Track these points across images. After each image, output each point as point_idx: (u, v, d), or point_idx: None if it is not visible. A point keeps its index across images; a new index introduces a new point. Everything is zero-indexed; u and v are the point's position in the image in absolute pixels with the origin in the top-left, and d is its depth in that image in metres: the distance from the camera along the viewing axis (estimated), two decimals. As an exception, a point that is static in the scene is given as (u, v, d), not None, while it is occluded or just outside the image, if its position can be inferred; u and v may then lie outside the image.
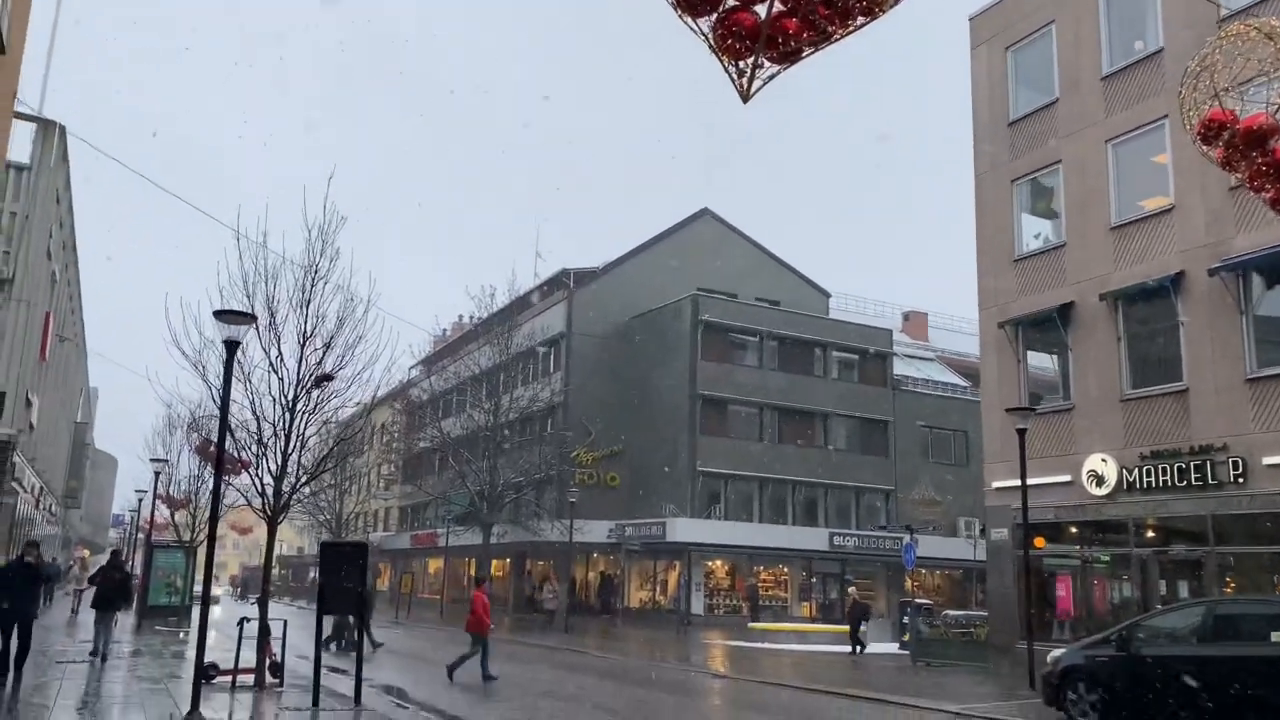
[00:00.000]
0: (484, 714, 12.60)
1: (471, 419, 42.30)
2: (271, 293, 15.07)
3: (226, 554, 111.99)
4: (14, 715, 10.57)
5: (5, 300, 27.22)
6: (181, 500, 34.69)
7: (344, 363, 15.53)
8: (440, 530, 47.55)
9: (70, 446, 50.83)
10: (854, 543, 41.53)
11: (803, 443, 42.63)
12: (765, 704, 14.65)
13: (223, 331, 11.88)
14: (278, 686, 13.82)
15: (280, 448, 14.92)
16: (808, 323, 44.34)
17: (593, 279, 45.41)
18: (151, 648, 20.29)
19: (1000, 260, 22.62)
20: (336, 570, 12.56)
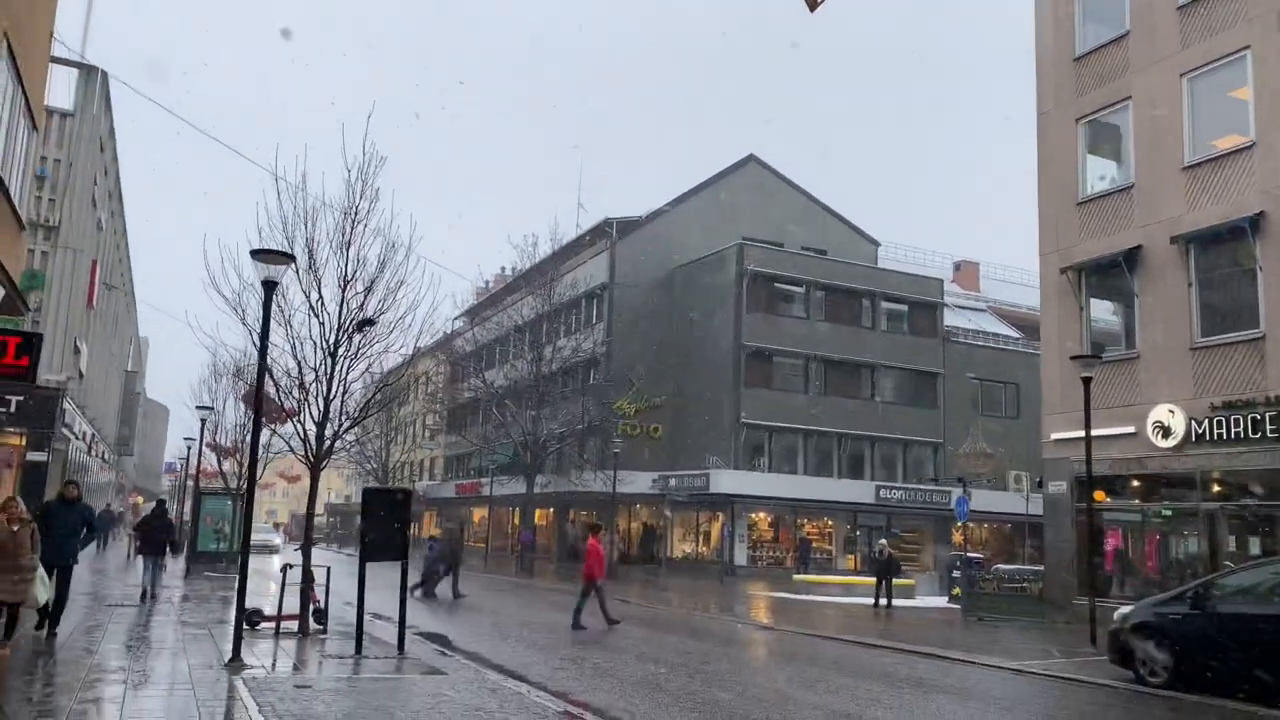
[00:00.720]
0: (529, 662, 12.34)
1: (515, 369, 42.12)
2: (311, 235, 14.77)
3: (277, 501, 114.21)
4: (55, 660, 10.47)
5: (51, 247, 27.31)
6: (229, 448, 35.00)
7: (385, 307, 15.24)
8: (484, 480, 47.72)
9: (121, 395, 51.58)
10: (900, 496, 40.97)
11: (849, 395, 41.94)
12: (816, 656, 14.27)
13: (260, 272, 11.55)
14: (321, 633, 13.71)
15: (322, 393, 14.71)
16: (856, 272, 43.39)
17: (636, 228, 44.75)
18: (199, 593, 20.41)
19: (1063, 203, 21.65)
20: (380, 516, 12.30)
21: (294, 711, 8.16)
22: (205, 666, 10.39)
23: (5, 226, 14.51)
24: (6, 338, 11.62)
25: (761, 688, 11.08)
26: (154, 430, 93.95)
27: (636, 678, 11.35)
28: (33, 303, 26.94)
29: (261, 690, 9.08)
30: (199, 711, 8.03)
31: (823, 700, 10.17)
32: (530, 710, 8.82)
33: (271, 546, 43.23)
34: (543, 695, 9.69)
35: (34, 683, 9.01)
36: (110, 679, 9.36)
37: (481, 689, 9.83)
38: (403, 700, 9.05)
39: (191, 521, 30.47)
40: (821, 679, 11.83)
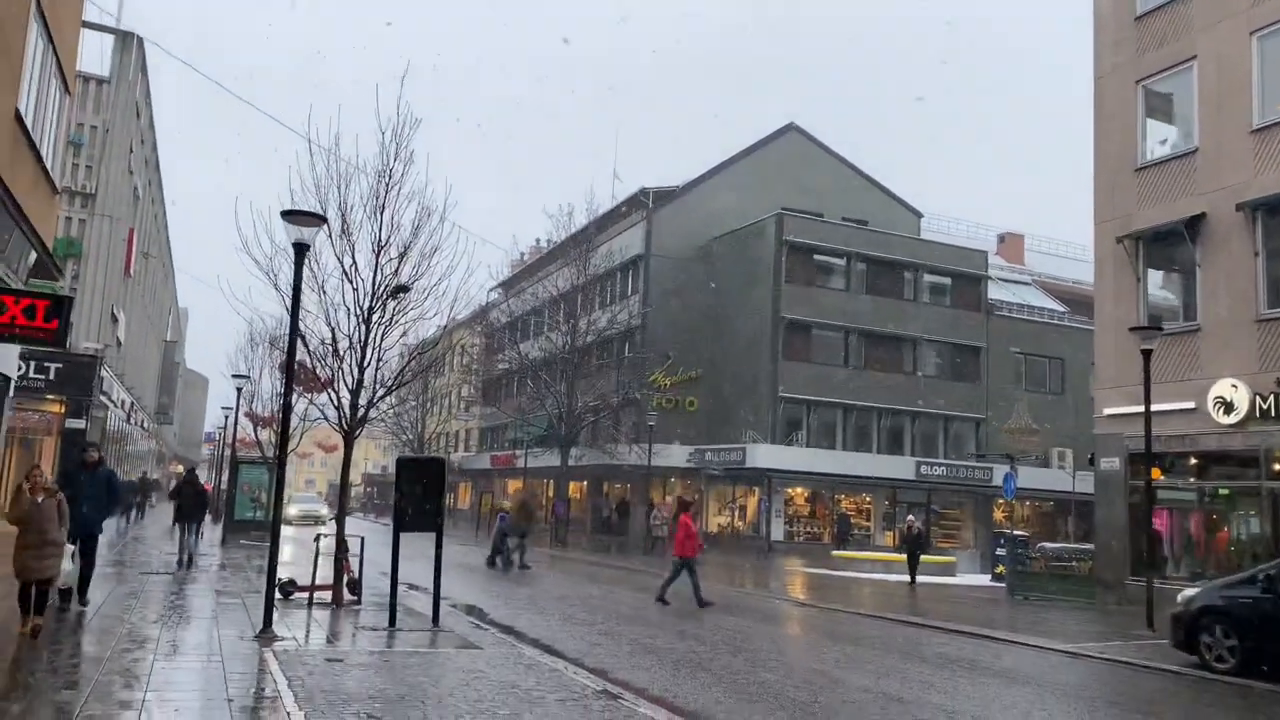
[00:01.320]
0: (565, 637, 12.02)
1: (550, 341, 41.81)
2: (344, 199, 14.41)
3: (315, 470, 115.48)
4: (85, 629, 10.28)
5: (88, 215, 27.29)
6: (266, 418, 35.04)
7: (419, 274, 14.86)
8: (519, 452, 47.60)
9: (160, 364, 52.02)
10: (941, 472, 40.29)
11: (890, 369, 41.20)
12: (860, 635, 13.83)
13: (291, 234, 11.20)
14: (355, 604, 13.49)
15: (356, 361, 14.40)
16: (898, 243, 42.48)
17: (672, 198, 44.11)
18: (234, 561, 20.35)
19: (1121, 169, 20.78)
20: (414, 486, 11.98)
21: (324, 687, 7.86)
22: (236, 638, 10.16)
23: (38, 190, 14.29)
24: (35, 301, 11.39)
25: (806, 668, 10.66)
26: (194, 400, 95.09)
27: (677, 655, 10.97)
28: (70, 270, 26.98)
29: (292, 664, 8.81)
30: (227, 686, 7.75)
31: (872, 683, 9.73)
32: (568, 688, 8.46)
33: (318, 517, 41.47)
34: (580, 672, 9.34)
35: (61, 653, 8.79)
36: (138, 650, 9.13)
37: (517, 665, 9.50)
38: (436, 676, 8.73)
39: (228, 490, 30.56)
40: (868, 659, 11.39)
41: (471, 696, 7.87)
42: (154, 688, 7.54)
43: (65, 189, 26.81)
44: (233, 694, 7.46)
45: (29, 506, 9.53)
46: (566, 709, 7.64)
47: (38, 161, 13.93)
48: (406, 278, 14.78)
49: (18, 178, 12.46)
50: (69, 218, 26.84)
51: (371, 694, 7.75)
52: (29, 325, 11.23)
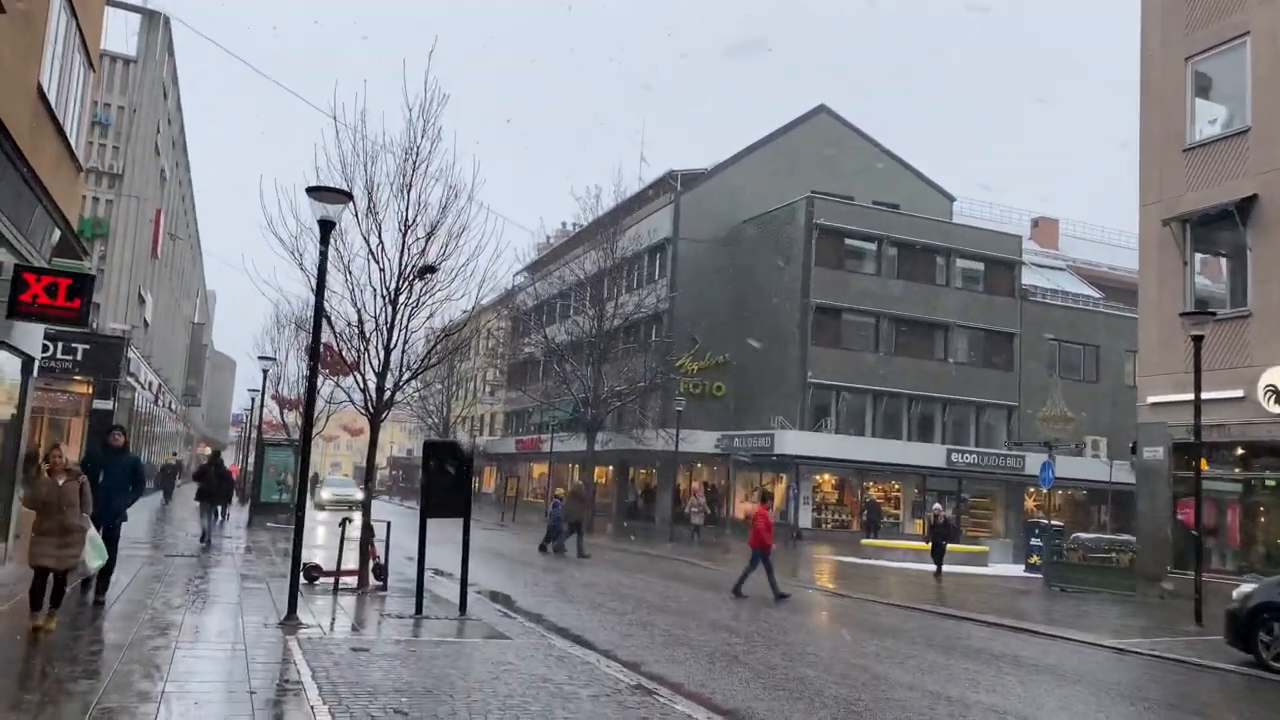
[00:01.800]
0: (595, 627, 11.71)
1: (576, 325, 41.46)
2: (370, 177, 14.11)
3: (340, 453, 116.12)
4: (106, 614, 10.06)
5: (115, 195, 27.21)
6: (292, 400, 35.01)
7: (447, 254, 14.55)
8: (544, 436, 47.41)
9: (188, 346, 52.22)
10: (972, 460, 39.69)
11: (921, 355, 40.57)
12: (897, 628, 13.43)
13: (316, 211, 10.89)
14: (381, 590, 13.26)
15: (382, 343, 14.14)
16: (930, 227, 41.74)
17: (701, 181, 43.58)
18: (259, 544, 20.21)
19: (1168, 150, 20.12)
20: (441, 470, 11.69)
21: (349, 679, 7.58)
22: (260, 624, 9.92)
23: (61, 168, 14.08)
24: (58, 279, 11.16)
25: (846, 663, 10.28)
26: (222, 382, 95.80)
27: (711, 647, 10.63)
28: (96, 251, 26.93)
29: (316, 653, 8.54)
30: (249, 676, 7.48)
31: (916, 680, 9.34)
32: (601, 683, 8.14)
33: (352, 501, 36.77)
34: (613, 665, 9.02)
35: (81, 639, 8.56)
36: (160, 637, 8.89)
37: (548, 657, 9.19)
38: (464, 668, 8.43)
39: (254, 472, 30.52)
40: (910, 654, 11.00)
41: (501, 691, 7.56)
42: (174, 678, 7.28)
43: (92, 169, 26.77)
44: (255, 685, 7.19)
45: (48, 489, 8.74)
46: (600, 705, 7.31)
47: (61, 138, 13.71)
48: (434, 258, 14.49)
49: (41, 154, 12.23)
50: (95, 198, 26.78)
51: (398, 687, 7.45)
52: (51, 304, 11.01)
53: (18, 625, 8.75)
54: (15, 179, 11.35)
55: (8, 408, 13.58)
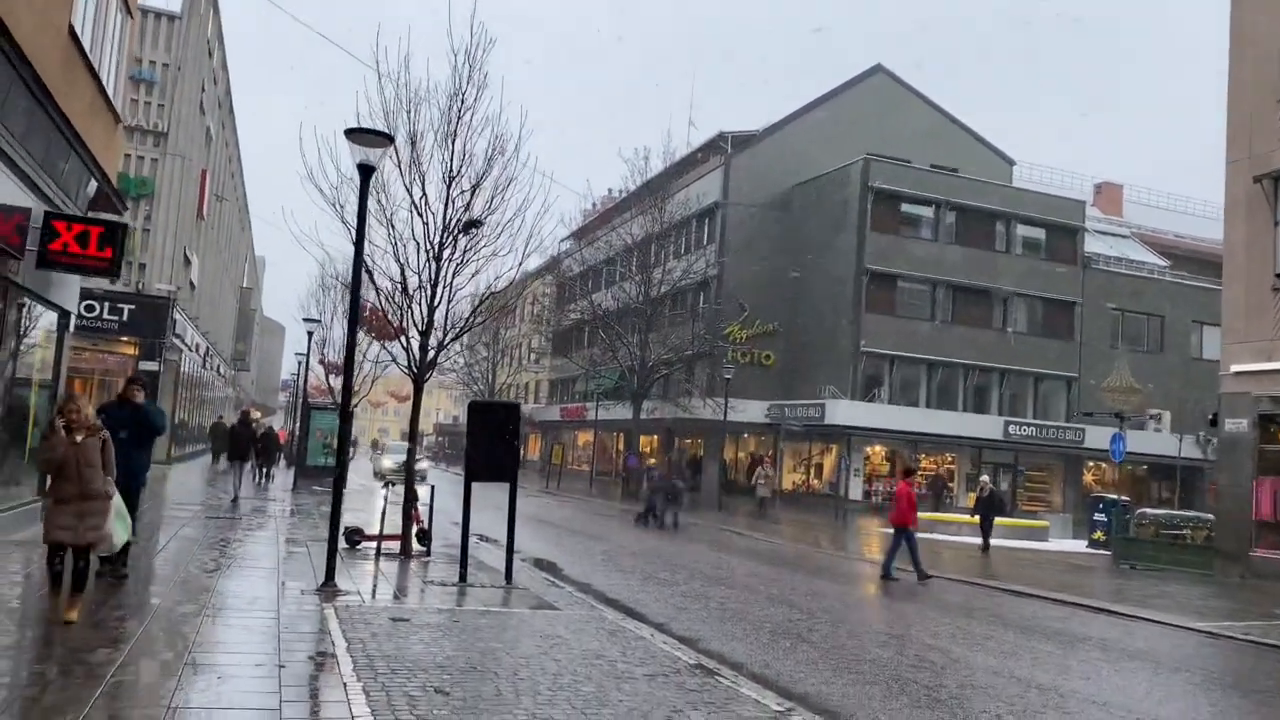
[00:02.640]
0: (647, 599, 11.09)
1: (623, 291, 40.69)
2: (413, 125, 13.43)
3: (388, 419, 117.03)
4: (136, 578, 9.61)
5: (160, 154, 26.91)
6: (338, 365, 34.74)
7: (493, 208, 13.86)
8: (589, 404, 46.92)
9: (237, 310, 52.38)
10: (1030, 432, 38.43)
11: (978, 324, 39.28)
12: (968, 606, 12.66)
13: (356, 155, 10.26)
14: (424, 555, 12.76)
15: (426, 300, 13.54)
16: (990, 191, 40.25)
17: (751, 143, 42.41)
18: (303, 508, 19.89)
19: (1260, 102, 18.79)
20: (486, 433, 11.08)
21: (386, 652, 7.01)
22: (297, 591, 9.43)
23: (96, 116, 13.60)
24: (89, 227, 10.67)
25: (920, 643, 9.55)
26: (271, 348, 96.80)
27: (772, 624, 9.96)
28: (142, 210, 26.71)
29: (354, 623, 8.00)
30: (280, 648, 6.94)
31: (1001, 664, 8.59)
32: (657, 660, 7.50)
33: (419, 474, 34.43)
34: (669, 641, 8.37)
35: (105, 605, 8.08)
36: (190, 603, 8.41)
37: (599, 630, 8.57)
38: (510, 642, 7.83)
39: (300, 436, 30.34)
40: (987, 635, 10.23)
41: (550, 668, 6.95)
42: (200, 647, 6.76)
43: (137, 127, 26.49)
44: (285, 658, 6.64)
45: (64, 449, 7.21)
46: (658, 687, 6.66)
47: (96, 85, 13.21)
48: (479, 212, 13.83)
49: (72, 98, 11.73)
50: (140, 156, 26.53)
51: (439, 661, 6.87)
52: (82, 254, 10.53)
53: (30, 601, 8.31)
54: (45, 122, 10.87)
55: (44, 365, 13.24)
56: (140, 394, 9.30)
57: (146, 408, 9.28)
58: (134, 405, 9.16)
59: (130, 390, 9.30)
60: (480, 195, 13.77)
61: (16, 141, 10.11)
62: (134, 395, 9.20)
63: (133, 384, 9.46)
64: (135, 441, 8.98)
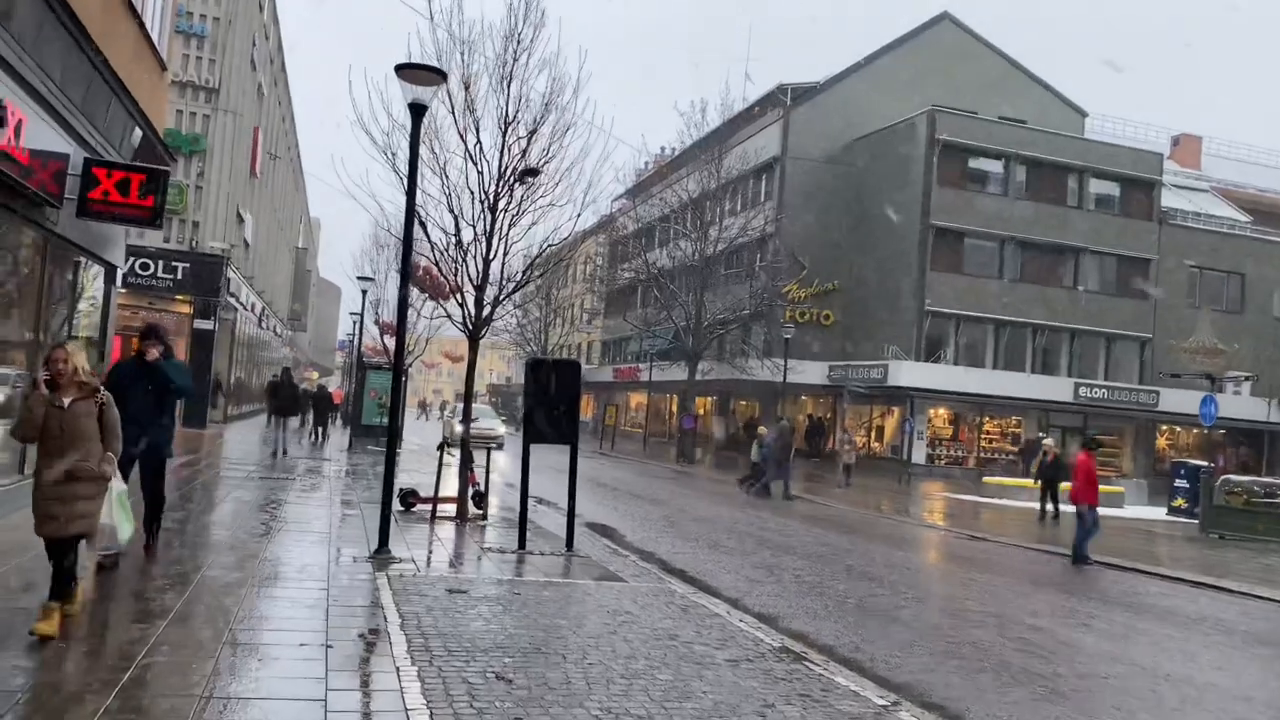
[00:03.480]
0: (717, 570, 10.42)
1: (678, 248, 39.74)
2: (467, 67, 12.69)
3: (442, 381, 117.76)
4: (182, 541, 9.16)
5: (212, 110, 26.53)
6: (392, 325, 34.45)
7: (550, 154, 13.11)
8: (643, 365, 46.27)
9: (293, 270, 52.45)
10: (1102, 394, 36.98)
11: (1048, 282, 37.76)
12: (1062, 581, 11.80)
13: (407, 93, 9.56)
14: (481, 520, 12.21)
15: (481, 253, 12.89)
16: (1062, 144, 38.45)
17: (812, 95, 40.97)
18: (358, 468, 19.54)
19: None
20: (545, 392, 10.43)
21: (442, 630, 6.41)
22: (349, 558, 8.90)
23: (141, 63, 13.07)
24: (130, 174, 10.13)
25: (1022, 624, 8.74)
26: (327, 309, 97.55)
27: (855, 599, 9.23)
28: (195, 168, 26.41)
29: (408, 594, 7.42)
30: (327, 624, 6.37)
31: (1118, 649, 7.77)
32: (737, 642, 6.81)
33: (492, 437, 29.78)
34: (746, 620, 7.68)
35: (146, 574, 7.58)
36: (236, 570, 7.90)
37: (669, 606, 7.91)
38: (575, 618, 7.20)
39: (355, 395, 30.12)
40: (1090, 613, 9.40)
41: (621, 650, 6.29)
42: (242, 623, 6.21)
43: (188, 83, 26.12)
44: (334, 636, 6.07)
45: (40, 410, 5.66)
46: (743, 675, 5.97)
47: (139, 28, 12.67)
48: (535, 160, 13.09)
49: (114, 41, 11.16)
50: (193, 113, 26.16)
51: (500, 641, 6.25)
52: (123, 202, 10.00)
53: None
54: (84, 64, 10.32)
55: (92, 324, 12.86)
56: (156, 349, 7.69)
57: (163, 365, 7.73)
58: (154, 368, 7.66)
59: (145, 345, 7.72)
60: (537, 142, 13.05)
61: (53, 83, 9.57)
62: (150, 354, 7.66)
63: (148, 337, 7.81)
64: (154, 406, 7.65)
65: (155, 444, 7.72)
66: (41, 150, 9.54)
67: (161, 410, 7.80)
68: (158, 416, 7.75)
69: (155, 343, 7.73)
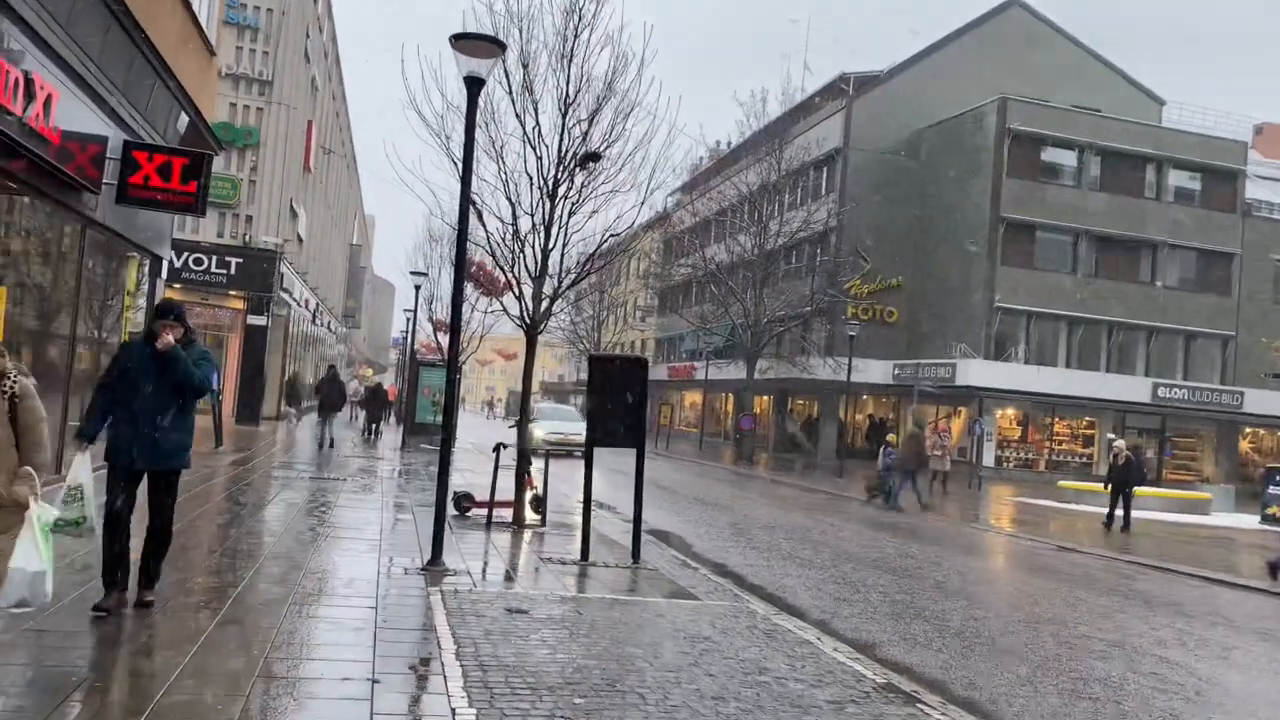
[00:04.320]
0: (797, 587, 9.57)
1: (737, 243, 38.76)
2: (525, 45, 11.95)
3: (495, 378, 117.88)
4: (225, 549, 8.54)
5: (265, 103, 26.22)
6: (446, 323, 33.96)
7: (613, 137, 12.32)
8: (698, 364, 45.40)
9: (347, 267, 52.44)
10: (1182, 395, 35.35)
11: (1124, 277, 36.31)
12: (1183, 602, 10.73)
13: (462, 66, 8.84)
14: (539, 526, 11.48)
15: (539, 243, 12.15)
16: (1138, 133, 36.87)
17: (875, 85, 39.77)
18: (411, 467, 18.99)
19: None
20: (610, 391, 9.65)
21: (503, 660, 5.65)
22: (400, 569, 8.22)
23: (188, 48, 12.55)
24: (171, 158, 9.57)
25: (1149, 654, 7.75)
26: (382, 306, 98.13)
27: (956, 624, 8.31)
28: (248, 161, 26.11)
29: (464, 616, 6.69)
30: (374, 652, 5.64)
31: (1273, 689, 6.76)
32: (835, 676, 5.96)
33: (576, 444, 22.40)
34: (841, 648, 6.82)
35: (183, 588, 6.94)
36: (278, 585, 7.23)
37: (753, 630, 7.07)
38: (651, 645, 6.40)
39: (409, 392, 29.67)
40: (1226, 644, 8.39)
41: (707, 688, 5.47)
42: (279, 650, 5.51)
43: (241, 75, 25.83)
44: (381, 668, 5.33)
45: None
46: (849, 719, 5.12)
47: (185, 9, 12.15)
48: (597, 143, 12.31)
49: (157, 22, 10.62)
50: (245, 105, 25.88)
51: (569, 676, 5.47)
52: (164, 187, 9.45)
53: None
54: (125, 43, 9.78)
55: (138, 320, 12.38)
56: (172, 333, 5.86)
57: (177, 354, 5.88)
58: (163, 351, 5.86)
59: (162, 331, 5.88)
60: (598, 124, 12.27)
61: (91, 61, 9.02)
62: (164, 339, 5.84)
63: (164, 315, 6.02)
64: (168, 403, 5.95)
65: (166, 453, 5.99)
66: (77, 132, 9.01)
67: (180, 409, 6.04)
68: (173, 417, 5.99)
69: (173, 324, 5.92)
